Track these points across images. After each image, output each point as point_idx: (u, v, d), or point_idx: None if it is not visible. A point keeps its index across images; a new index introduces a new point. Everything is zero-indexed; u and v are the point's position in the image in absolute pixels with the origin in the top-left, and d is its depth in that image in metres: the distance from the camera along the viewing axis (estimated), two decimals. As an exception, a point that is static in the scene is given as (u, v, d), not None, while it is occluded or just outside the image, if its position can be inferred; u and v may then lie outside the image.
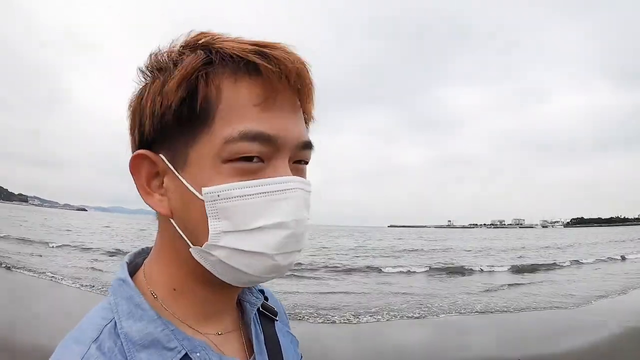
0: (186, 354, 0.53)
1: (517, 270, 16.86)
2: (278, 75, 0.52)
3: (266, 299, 0.76)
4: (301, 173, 0.59)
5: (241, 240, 0.53)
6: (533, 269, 17.31)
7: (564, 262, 19.45)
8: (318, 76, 0.56)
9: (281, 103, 0.54)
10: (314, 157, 0.61)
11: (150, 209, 0.58)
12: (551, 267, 18.15)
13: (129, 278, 0.58)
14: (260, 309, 0.72)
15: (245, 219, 0.52)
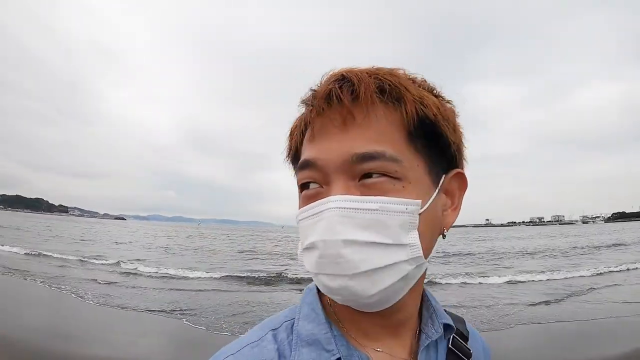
0: (340, 358, 0.59)
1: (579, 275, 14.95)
2: (310, 109, 0.62)
3: (465, 339, 0.74)
4: (370, 188, 0.57)
5: (303, 257, 0.61)
6: (596, 273, 15.30)
7: (633, 265, 17.12)
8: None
9: (320, 130, 0.60)
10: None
11: (187, 216, 0.63)
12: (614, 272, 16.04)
13: (315, 288, 0.68)
14: (451, 346, 0.70)
15: (303, 239, 0.61)
